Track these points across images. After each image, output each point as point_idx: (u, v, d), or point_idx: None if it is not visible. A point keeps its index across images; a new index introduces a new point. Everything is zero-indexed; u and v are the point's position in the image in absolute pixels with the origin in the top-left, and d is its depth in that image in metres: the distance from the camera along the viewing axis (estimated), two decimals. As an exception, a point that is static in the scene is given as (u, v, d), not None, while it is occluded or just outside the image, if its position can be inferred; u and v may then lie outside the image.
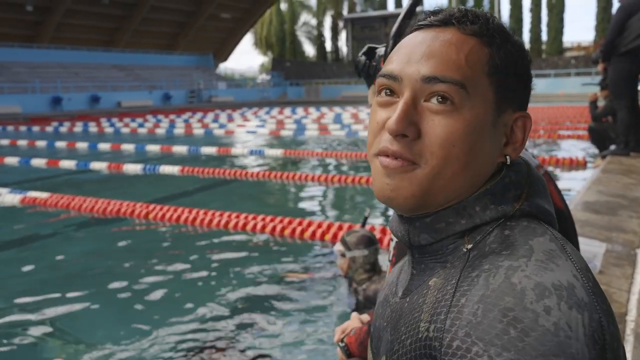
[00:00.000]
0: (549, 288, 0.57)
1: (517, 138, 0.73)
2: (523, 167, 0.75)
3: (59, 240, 5.84)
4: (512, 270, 0.60)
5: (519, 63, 0.73)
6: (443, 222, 0.71)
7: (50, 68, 35.16)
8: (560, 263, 0.61)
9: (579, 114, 17.71)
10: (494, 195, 0.71)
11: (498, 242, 0.66)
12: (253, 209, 6.12)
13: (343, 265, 3.47)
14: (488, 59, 0.71)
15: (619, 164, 6.19)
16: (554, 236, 0.66)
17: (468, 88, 0.68)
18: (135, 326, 3.53)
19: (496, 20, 0.74)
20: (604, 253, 3.04)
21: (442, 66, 0.69)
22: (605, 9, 41.95)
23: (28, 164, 10.90)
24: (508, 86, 0.72)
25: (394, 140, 0.69)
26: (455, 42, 0.70)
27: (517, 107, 0.74)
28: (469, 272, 0.64)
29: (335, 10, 53.22)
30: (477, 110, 0.69)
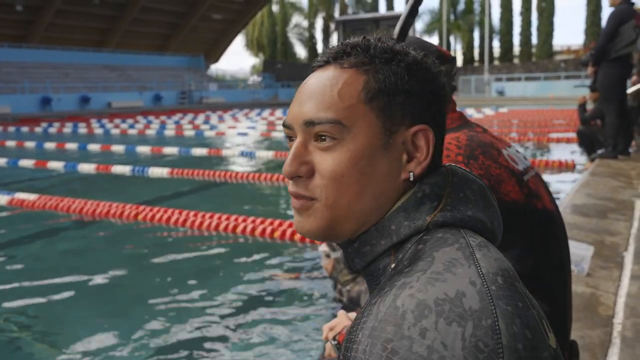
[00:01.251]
0: (430, 306, 0.57)
1: (421, 152, 0.74)
2: (443, 177, 0.75)
3: (47, 242, 5.79)
4: (402, 288, 0.61)
5: (406, 80, 0.73)
6: (368, 245, 0.74)
7: (40, 68, 34.92)
8: (458, 271, 0.61)
9: (569, 117, 17.83)
10: (407, 211, 0.72)
11: (409, 257, 0.67)
12: (243, 211, 6.10)
13: (328, 266, 3.48)
14: (363, 86, 0.72)
15: (607, 167, 6.23)
16: (465, 244, 0.66)
17: (344, 122, 0.71)
18: (124, 328, 3.50)
19: (380, 45, 0.75)
20: (592, 256, 3.06)
21: (316, 108, 0.72)
22: (594, 12, 42.31)
23: (16, 165, 10.81)
24: (394, 105, 0.73)
25: (293, 182, 0.75)
26: (329, 80, 0.74)
27: (414, 122, 0.74)
28: (372, 299, 0.65)
29: (327, 12, 53.29)
30: (360, 138, 0.71)
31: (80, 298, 4.08)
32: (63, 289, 4.27)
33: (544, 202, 1.35)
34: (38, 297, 4.12)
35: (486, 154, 1.31)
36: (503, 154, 1.34)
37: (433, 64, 0.77)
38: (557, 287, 1.33)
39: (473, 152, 1.30)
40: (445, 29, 42.97)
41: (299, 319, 3.59)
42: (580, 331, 2.28)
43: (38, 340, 3.45)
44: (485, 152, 1.31)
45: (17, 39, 37.02)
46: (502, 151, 1.35)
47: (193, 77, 42.12)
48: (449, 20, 46.36)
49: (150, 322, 3.58)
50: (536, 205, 1.32)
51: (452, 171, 0.77)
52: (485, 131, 1.42)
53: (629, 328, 2.33)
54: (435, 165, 0.77)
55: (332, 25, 52.85)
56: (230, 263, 4.80)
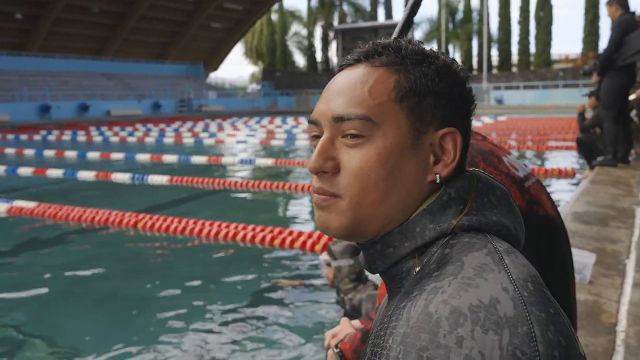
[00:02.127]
0: (465, 313, 0.56)
1: (448, 155, 0.74)
2: (468, 181, 0.75)
3: (46, 250, 5.77)
4: (433, 293, 0.60)
5: (436, 82, 0.73)
6: (391, 247, 0.73)
7: (39, 76, 34.95)
8: (490, 277, 0.60)
9: (567, 125, 17.87)
10: (432, 214, 0.72)
11: (436, 262, 0.66)
12: (243, 219, 6.09)
13: (329, 274, 3.46)
14: (395, 85, 0.72)
15: (607, 175, 6.24)
16: (493, 249, 0.65)
17: (374, 118, 0.71)
18: (124, 336, 3.49)
19: (411, 47, 0.76)
20: (594, 264, 3.05)
21: (347, 104, 0.72)
22: (592, 22, 42.48)
23: (15, 173, 10.80)
24: (425, 106, 0.73)
25: (317, 177, 0.74)
26: (360, 77, 0.74)
27: (443, 124, 0.74)
28: (400, 302, 0.64)
29: (326, 21, 53.45)
30: (389, 137, 0.71)
31: (78, 306, 4.05)
32: (62, 297, 4.25)
33: (545, 209, 1.34)
34: (36, 305, 4.10)
35: (486, 161, 1.30)
36: (503, 161, 1.33)
37: (462, 68, 0.77)
38: (561, 295, 1.32)
39: (473, 159, 1.30)
40: (444, 37, 43.13)
41: (301, 326, 3.57)
42: (583, 339, 2.26)
43: (37, 348, 3.42)
44: (485, 159, 1.31)
45: (16, 47, 37.07)
46: (503, 158, 1.34)
47: (192, 86, 42.19)
48: (447, 29, 46.54)
49: (150, 329, 3.56)
50: (538, 211, 1.31)
51: (477, 176, 0.76)
52: (485, 139, 1.41)
53: (633, 336, 2.32)
54: (460, 169, 0.77)
55: (331, 34, 53.04)
56: (230, 271, 4.78)
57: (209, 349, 3.28)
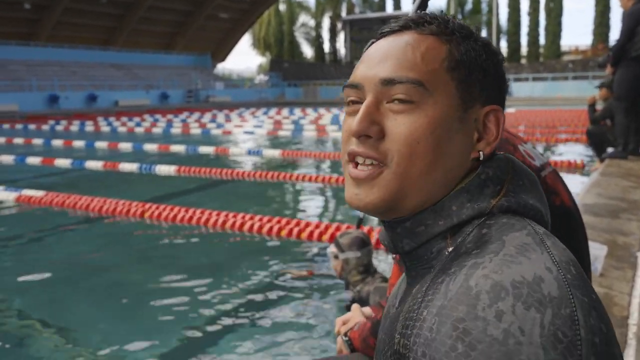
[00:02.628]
0: (506, 288, 0.55)
1: (490, 133, 0.73)
2: (503, 161, 0.74)
3: (54, 238, 5.79)
4: (474, 268, 0.58)
5: (484, 58, 0.73)
6: (422, 225, 0.70)
7: (48, 66, 35.06)
8: (533, 256, 0.58)
9: (577, 117, 17.72)
10: (470, 192, 0.70)
11: (474, 241, 0.64)
12: (250, 209, 6.08)
13: (337, 266, 3.44)
14: (447, 55, 0.71)
15: (617, 167, 6.18)
16: (533, 231, 0.64)
17: (426, 85, 0.68)
18: (131, 325, 3.49)
19: (457, 21, 0.75)
20: (605, 256, 3.01)
21: (398, 67, 0.69)
22: (602, 13, 42.06)
23: (24, 162, 10.84)
24: (473, 80, 0.71)
25: (359, 142, 0.70)
26: (411, 42, 0.71)
27: (487, 101, 0.73)
28: (437, 278, 0.62)
29: (334, 11, 53.22)
30: (439, 105, 0.68)
31: (86, 295, 4.06)
32: (69, 286, 4.26)
33: (562, 199, 1.31)
34: (44, 294, 4.11)
35: (501, 149, 1.26)
36: (519, 150, 1.30)
37: (499, 50, 0.76)
38: None
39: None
40: (453, 28, 42.85)
41: (309, 316, 3.56)
42: (594, 332, 2.23)
43: (44, 336, 3.43)
44: (500, 147, 1.26)
45: (24, 37, 37.18)
46: (519, 147, 1.31)
47: (200, 76, 42.20)
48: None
49: (157, 319, 3.56)
50: (554, 201, 1.28)
51: (511, 159, 0.76)
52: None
53: (645, 329, 2.29)
54: (492, 152, 0.75)
55: (338, 25, 52.83)
56: (237, 261, 4.78)
57: (216, 337, 3.28)
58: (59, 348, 3.25)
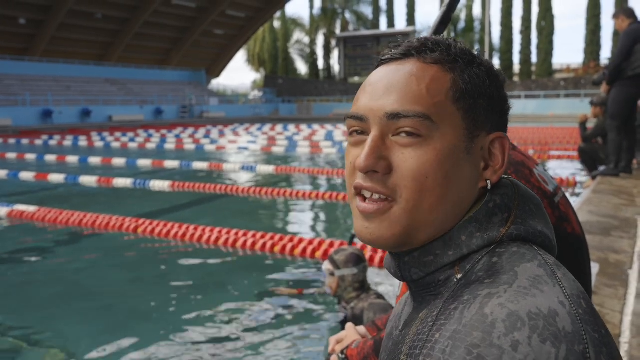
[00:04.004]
0: (523, 318, 0.54)
1: (496, 160, 0.72)
2: (510, 188, 0.73)
3: (46, 254, 5.75)
4: (489, 297, 0.58)
5: (487, 84, 0.71)
6: (431, 255, 0.69)
7: (42, 81, 35.04)
8: (546, 289, 0.58)
9: (569, 134, 17.86)
10: (479, 222, 0.69)
11: (485, 270, 0.64)
12: (243, 225, 6.07)
13: (332, 284, 3.41)
14: (451, 85, 0.69)
15: (609, 185, 6.21)
16: (544, 262, 0.63)
17: (433, 118, 0.67)
18: (122, 341, 3.46)
19: (459, 45, 0.73)
20: (597, 273, 3.03)
21: (404, 100, 0.68)
22: (594, 32, 42.56)
23: (17, 177, 10.79)
24: (478, 109, 0.70)
25: (367, 177, 0.69)
26: (415, 73, 0.70)
27: (492, 128, 0.72)
28: (449, 304, 0.62)
29: (328, 28, 53.58)
30: (447, 138, 0.68)
31: (78, 311, 4.03)
32: (60, 301, 4.23)
33: (573, 226, 1.27)
34: (35, 310, 4.07)
35: (519, 173, 1.22)
36: (535, 174, 1.25)
37: (500, 71, 0.76)
38: None
39: (505, 171, 1.23)
40: (446, 46, 43.17)
41: (302, 334, 3.55)
42: (586, 350, 2.24)
43: (36, 352, 3.40)
44: (517, 171, 1.23)
45: (19, 52, 37.21)
46: (534, 170, 1.26)
47: (194, 92, 42.26)
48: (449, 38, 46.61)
49: (149, 335, 3.53)
50: (567, 229, 1.24)
51: (515, 184, 0.75)
52: (515, 148, 1.32)
53: (636, 347, 2.29)
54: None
55: (333, 42, 53.16)
56: (229, 277, 4.76)
57: (205, 356, 3.26)
58: (50, 365, 3.22)
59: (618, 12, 6.55)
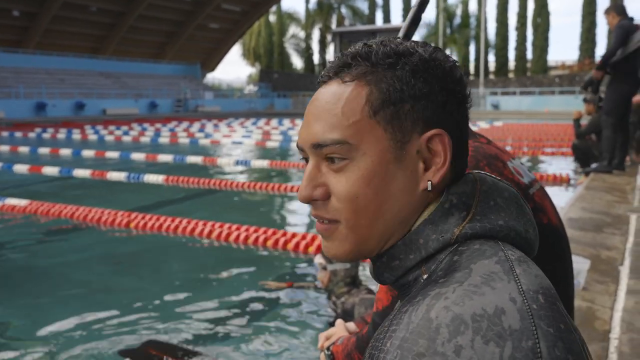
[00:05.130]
0: (466, 321, 0.54)
1: (437, 160, 0.70)
2: (470, 185, 0.71)
3: (37, 248, 5.72)
4: (436, 298, 0.58)
5: (412, 83, 0.69)
6: (397, 260, 0.71)
7: (36, 74, 34.85)
8: (498, 286, 0.57)
9: (563, 131, 17.91)
10: (435, 223, 0.69)
11: (444, 269, 0.64)
12: (237, 219, 6.06)
13: (324, 278, 3.42)
14: (366, 100, 0.69)
15: (602, 182, 6.24)
16: (504, 257, 0.62)
17: (350, 140, 0.68)
18: (115, 335, 3.45)
19: (382, 49, 0.71)
20: (588, 270, 3.04)
21: (324, 129, 0.70)
22: (589, 29, 42.66)
23: (10, 170, 10.73)
24: (402, 115, 0.69)
25: (312, 205, 0.73)
26: (331, 98, 0.71)
27: (427, 127, 0.69)
28: (402, 307, 0.62)
29: (324, 23, 53.49)
30: (370, 155, 0.68)
31: (69, 305, 4.01)
32: (50, 295, 4.21)
33: (549, 217, 1.29)
34: (26, 304, 4.06)
35: (491, 166, 1.25)
36: (508, 167, 1.29)
37: (445, 58, 0.72)
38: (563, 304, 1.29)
39: (478, 163, 1.25)
40: (442, 42, 43.22)
41: (291, 329, 3.55)
42: (576, 346, 2.24)
43: (26, 346, 3.38)
44: (490, 164, 1.26)
45: (13, 44, 36.96)
46: (507, 163, 1.29)
47: (189, 86, 42.14)
48: (445, 34, 46.65)
49: (141, 329, 3.52)
50: (542, 219, 1.27)
51: (481, 179, 0.73)
52: (490, 142, 1.36)
53: (626, 343, 2.30)
54: (461, 171, 0.74)
55: (328, 37, 53.08)
56: (222, 271, 4.75)
57: (197, 348, 3.25)
58: (39, 358, 3.20)
59: (610, 8, 6.58)
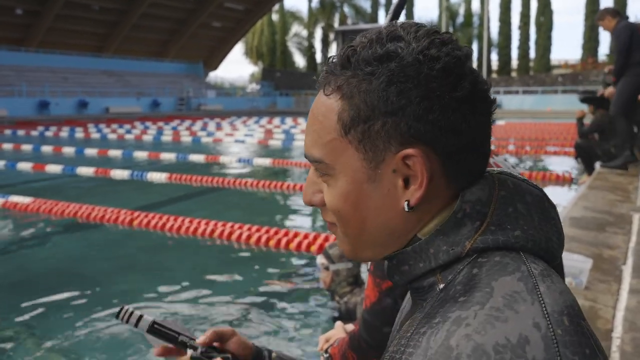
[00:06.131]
0: (489, 353, 0.51)
1: (414, 180, 0.64)
2: (487, 192, 0.65)
3: (40, 246, 5.74)
4: (457, 325, 0.55)
5: (386, 97, 0.62)
6: (406, 265, 0.69)
7: (39, 72, 34.89)
8: (522, 309, 0.54)
9: (566, 130, 17.88)
10: (446, 234, 0.65)
11: (463, 283, 0.61)
12: (239, 218, 6.07)
13: (326, 278, 3.40)
14: (338, 117, 0.65)
15: (604, 181, 6.23)
16: (527, 273, 0.59)
17: (326, 160, 0.68)
18: (117, 334, 3.46)
19: (364, 53, 0.64)
20: (590, 269, 3.03)
21: (309, 144, 0.71)
22: (592, 28, 42.55)
23: (14, 168, 10.76)
24: (374, 132, 0.64)
25: (321, 209, 0.75)
26: (316, 110, 0.70)
27: (404, 144, 0.63)
28: (419, 327, 0.60)
29: (326, 22, 53.47)
30: (344, 175, 0.67)
31: (71, 303, 4.02)
32: (53, 293, 4.22)
33: None
34: (28, 302, 4.07)
35: None
36: (489, 163, 1.27)
37: (440, 54, 0.63)
38: None
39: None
40: (444, 41, 43.09)
41: (293, 329, 3.55)
42: (579, 345, 2.24)
43: (29, 344, 3.40)
44: None
45: (15, 42, 37.00)
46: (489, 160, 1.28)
47: (191, 84, 42.15)
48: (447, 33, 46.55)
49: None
50: None
51: (501, 181, 0.67)
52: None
53: (628, 342, 2.30)
54: (479, 171, 0.68)
55: (331, 35, 53.05)
56: (224, 270, 4.76)
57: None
58: (42, 355, 3.21)
59: (601, 14, 6.48)
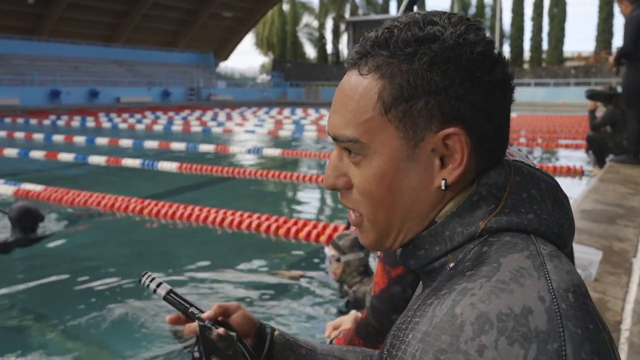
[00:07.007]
0: (492, 320, 0.53)
1: (454, 159, 0.66)
2: (503, 176, 0.67)
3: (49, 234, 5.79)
4: (462, 294, 0.56)
5: (429, 77, 0.64)
6: (422, 249, 0.70)
7: (50, 61, 35.05)
8: (527, 282, 0.55)
9: (578, 123, 17.74)
10: (462, 216, 0.67)
11: (472, 259, 0.62)
12: (249, 207, 6.09)
13: (337, 270, 3.35)
14: (379, 97, 0.66)
15: (616, 174, 6.18)
16: (536, 252, 0.60)
17: (362, 139, 0.67)
18: (127, 321, 3.49)
19: (402, 35, 0.65)
20: (600, 261, 3.02)
21: (340, 123, 0.69)
22: (606, 20, 42.07)
23: (26, 156, 10.85)
24: (416, 112, 0.65)
25: (340, 194, 0.74)
26: (349, 90, 0.69)
27: (445, 123, 0.65)
28: (427, 298, 0.61)
29: (337, 12, 53.20)
30: (382, 154, 0.67)
31: (82, 290, 4.07)
32: (64, 281, 4.26)
33: None
34: (39, 289, 4.11)
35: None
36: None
37: (478, 39, 0.68)
38: None
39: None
40: (456, 32, 42.80)
41: (301, 318, 3.57)
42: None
43: (41, 332, 3.44)
44: None
45: (27, 32, 37.17)
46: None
47: (202, 74, 42.18)
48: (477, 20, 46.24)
49: (152, 316, 3.56)
50: None
51: (516, 168, 0.69)
52: None
53: (637, 334, 2.30)
54: (498, 156, 0.69)
55: (342, 26, 52.81)
56: (233, 259, 4.78)
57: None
58: (55, 343, 3.26)
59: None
